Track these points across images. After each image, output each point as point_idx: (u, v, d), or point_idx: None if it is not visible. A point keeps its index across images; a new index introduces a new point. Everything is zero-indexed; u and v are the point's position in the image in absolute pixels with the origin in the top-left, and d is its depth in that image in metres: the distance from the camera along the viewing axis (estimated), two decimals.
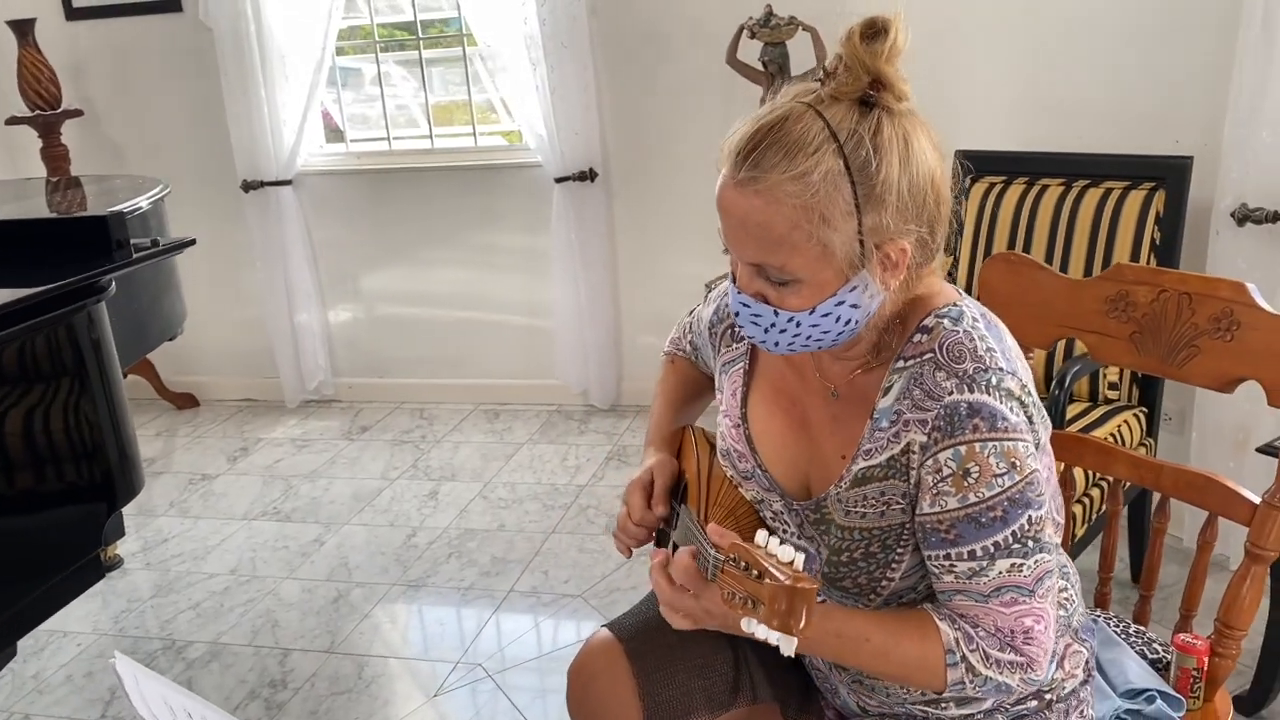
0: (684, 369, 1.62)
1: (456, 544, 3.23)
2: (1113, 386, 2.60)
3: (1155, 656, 1.62)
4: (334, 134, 4.43)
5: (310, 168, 4.25)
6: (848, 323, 1.16)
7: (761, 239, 1.11)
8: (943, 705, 1.28)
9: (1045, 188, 2.70)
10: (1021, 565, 1.14)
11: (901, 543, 1.20)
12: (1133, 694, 1.53)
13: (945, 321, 1.18)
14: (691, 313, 1.62)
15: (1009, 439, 1.12)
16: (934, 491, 1.14)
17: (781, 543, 1.01)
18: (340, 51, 4.21)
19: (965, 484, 1.12)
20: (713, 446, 1.44)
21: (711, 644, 1.38)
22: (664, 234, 3.98)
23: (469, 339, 4.32)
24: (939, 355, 1.16)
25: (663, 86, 3.81)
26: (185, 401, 4.60)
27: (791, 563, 0.98)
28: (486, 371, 4.34)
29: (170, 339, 2.61)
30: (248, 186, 4.17)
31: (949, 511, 1.14)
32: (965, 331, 1.17)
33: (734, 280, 1.19)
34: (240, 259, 4.36)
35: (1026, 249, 2.67)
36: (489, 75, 4.08)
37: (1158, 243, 2.53)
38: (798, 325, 1.15)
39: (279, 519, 3.48)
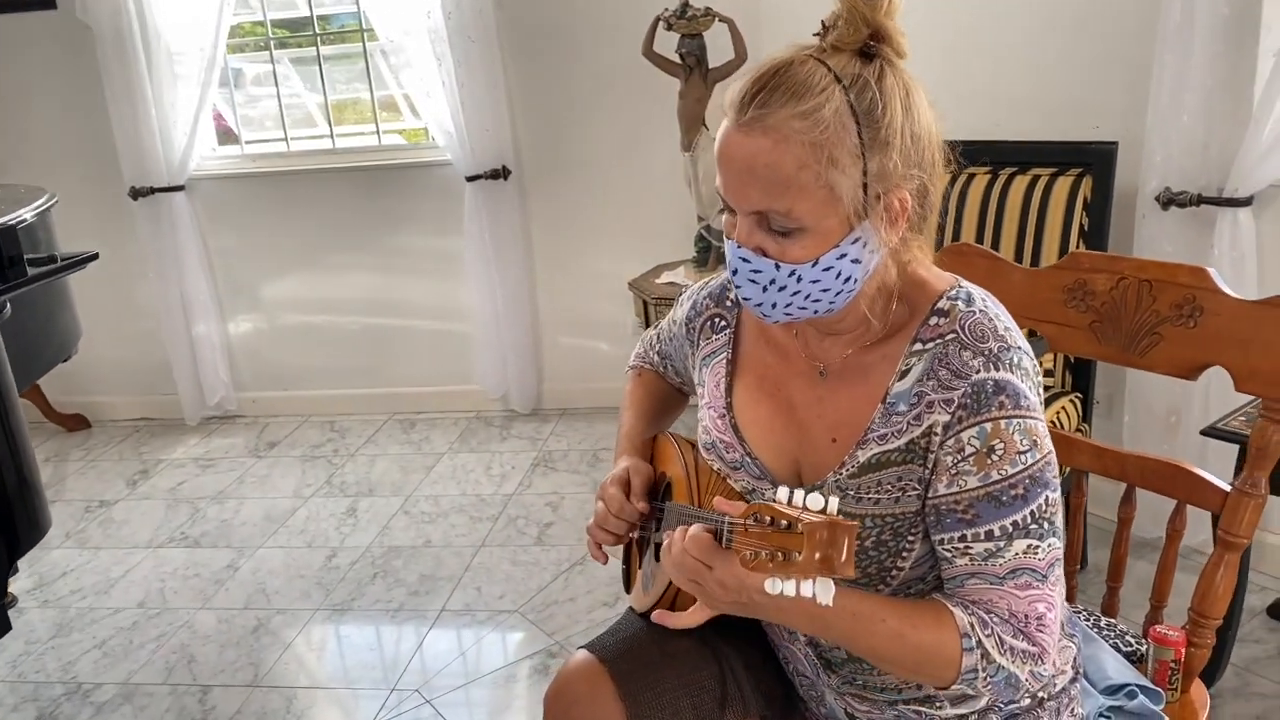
0: (651, 381, 1.58)
1: (381, 563, 3.08)
2: (1047, 373, 2.60)
3: (1129, 649, 1.60)
4: (224, 136, 4.21)
5: (203, 172, 4.03)
6: (847, 280, 1.13)
7: (768, 181, 1.07)
8: (937, 705, 1.24)
9: (973, 176, 2.69)
10: (1038, 547, 1.11)
11: (914, 530, 1.17)
12: (1112, 690, 1.50)
13: (959, 304, 1.17)
14: (656, 325, 1.59)
15: (1031, 417, 1.12)
16: (953, 471, 1.12)
17: (791, 496, 0.97)
18: (230, 49, 4.00)
19: (989, 461, 1.10)
20: (694, 446, 1.39)
21: (696, 659, 1.32)
22: (582, 232, 3.89)
23: (380, 346, 4.15)
24: (963, 335, 1.14)
25: (576, 80, 3.72)
26: (75, 423, 4.33)
27: (824, 509, 0.94)
28: (400, 379, 4.18)
29: (65, 359, 2.42)
30: (136, 193, 3.93)
31: (968, 491, 1.11)
32: (981, 311, 1.16)
33: (728, 238, 1.15)
34: (131, 270, 4.11)
35: (956, 237, 2.66)
36: (392, 72, 3.93)
37: (1086, 228, 2.54)
38: (799, 280, 1.12)
39: (187, 545, 3.29)
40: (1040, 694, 1.26)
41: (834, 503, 0.95)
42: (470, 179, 3.75)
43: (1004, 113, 2.89)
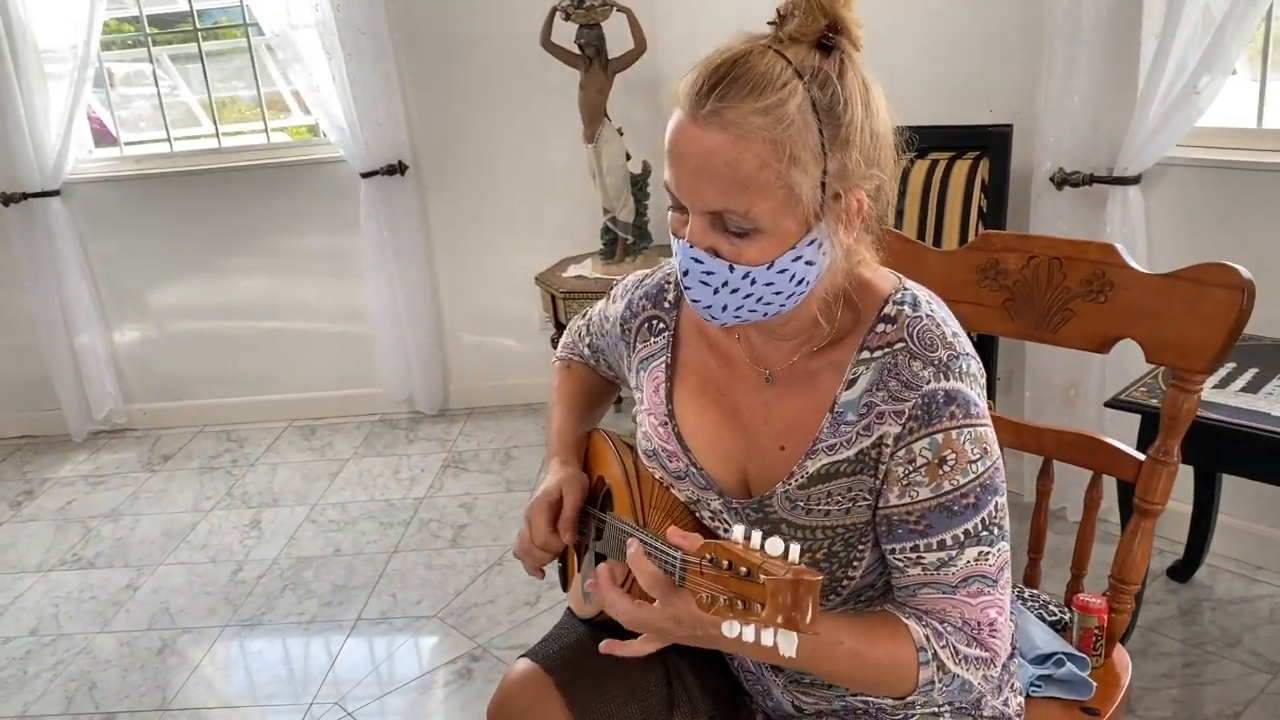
0: (582, 374, 1.52)
1: (290, 575, 2.98)
2: None
3: (1054, 619, 1.64)
4: (100, 138, 4.02)
5: (80, 175, 3.84)
6: (800, 282, 1.09)
7: (726, 180, 1.02)
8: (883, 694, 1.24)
9: None
10: (988, 553, 1.11)
11: (864, 540, 1.15)
12: (1041, 659, 1.54)
13: (906, 309, 1.13)
14: (585, 315, 1.53)
15: (981, 424, 1.10)
16: (904, 482, 1.09)
17: (764, 538, 0.92)
18: (104, 46, 3.82)
19: (940, 472, 1.08)
20: (634, 450, 1.34)
21: (642, 662, 1.28)
22: (484, 226, 3.83)
23: (276, 351, 4.02)
24: (911, 344, 1.11)
25: (472, 72, 3.65)
26: None
27: (785, 555, 0.90)
28: (298, 385, 4.06)
29: None
30: (7, 199, 3.72)
31: (920, 501, 1.09)
32: (928, 316, 1.13)
33: (677, 237, 1.10)
34: (5, 280, 3.89)
35: None
36: (279, 68, 3.81)
37: (985, 209, 2.60)
38: (752, 283, 1.07)
39: (81, 567, 3.13)
40: None
41: (795, 550, 0.90)
42: (365, 175, 3.65)
43: (902, 98, 2.93)
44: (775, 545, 0.90)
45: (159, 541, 3.24)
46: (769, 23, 1.07)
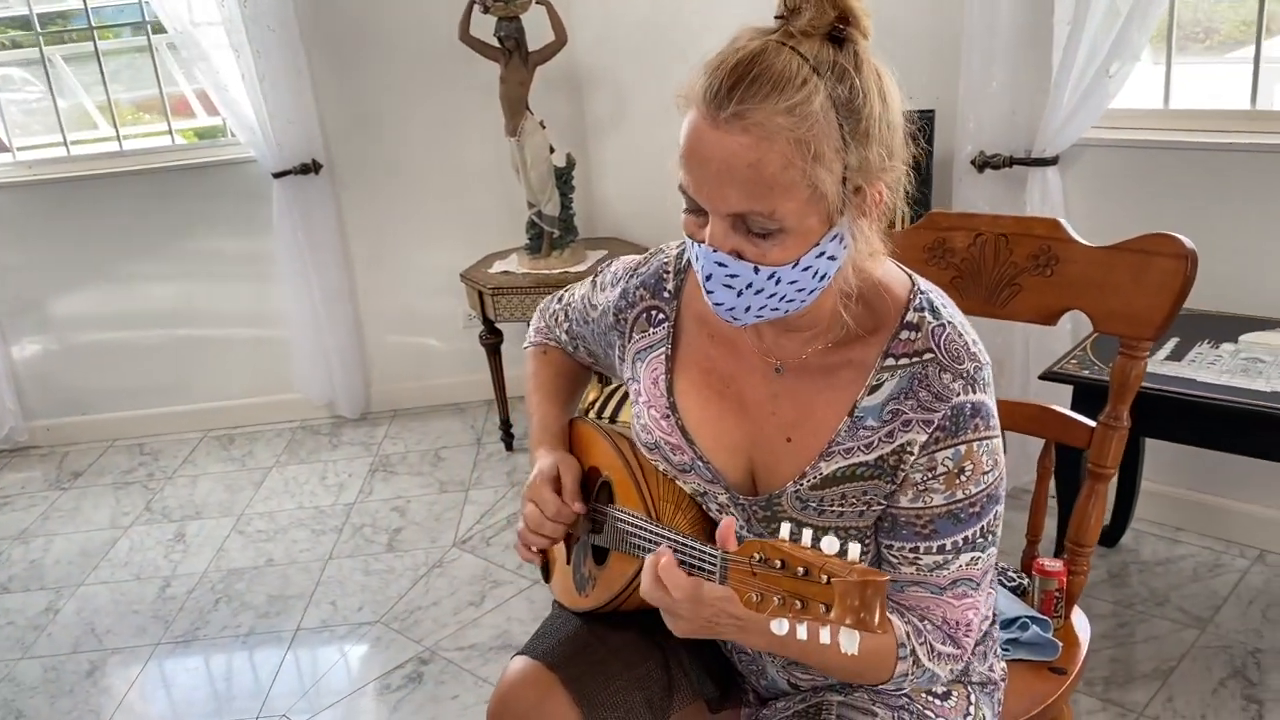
0: (559, 361, 1.49)
1: (222, 588, 2.89)
2: None
3: (1013, 584, 1.69)
4: None
5: None
6: (822, 278, 1.08)
7: (750, 182, 1.00)
8: None
9: None
10: (978, 559, 1.14)
11: (867, 541, 1.17)
12: (1006, 623, 1.59)
13: (928, 315, 1.14)
14: (559, 299, 1.49)
15: (996, 436, 1.13)
16: (920, 488, 1.11)
17: (815, 537, 0.92)
18: None
19: (957, 481, 1.11)
20: (629, 440, 1.32)
21: (640, 649, 1.28)
22: (402, 224, 3.77)
23: (189, 360, 3.89)
24: (941, 356, 1.11)
25: (386, 67, 3.59)
26: None
27: (842, 554, 0.89)
28: (213, 394, 3.93)
29: None
30: None
31: (931, 508, 1.11)
32: (950, 324, 1.14)
33: (694, 240, 1.08)
34: None
35: None
36: (182, 66, 3.68)
37: (910, 193, 2.66)
38: (777, 283, 1.06)
39: None
40: None
41: (855, 549, 0.89)
42: (277, 175, 3.55)
43: None
44: (831, 544, 0.90)
45: (77, 561, 3.10)
46: (777, 17, 1.05)
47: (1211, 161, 2.47)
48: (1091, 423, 1.58)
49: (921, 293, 1.16)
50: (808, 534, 0.91)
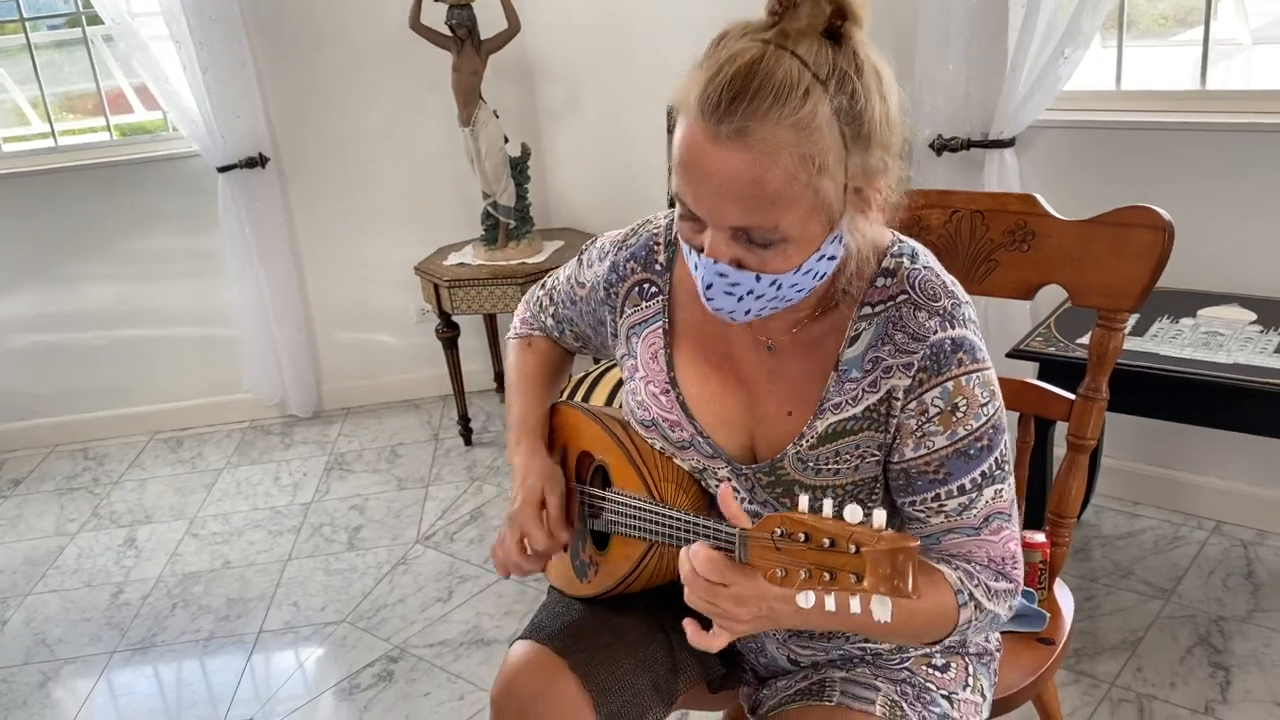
0: (544, 349, 1.46)
1: (178, 592, 2.81)
2: None
3: None
4: None
5: None
6: (821, 276, 1.08)
7: (753, 199, 0.98)
8: (880, 640, 1.26)
9: None
10: (1002, 490, 1.13)
11: (874, 494, 1.16)
12: None
13: (904, 260, 1.13)
14: (543, 286, 1.46)
15: (987, 368, 1.12)
16: (919, 434, 1.10)
17: (836, 507, 0.91)
18: None
19: (954, 419, 1.09)
20: (623, 423, 1.30)
21: (645, 633, 1.27)
22: (352, 218, 3.70)
23: (133, 361, 3.78)
24: (914, 295, 1.11)
25: (333, 57, 3.51)
26: None
27: (868, 522, 0.88)
28: (159, 395, 3.82)
29: None
30: None
31: (937, 451, 1.10)
32: (927, 267, 1.13)
33: (690, 244, 1.06)
34: None
35: None
36: (119, 59, 3.57)
37: (906, 179, 2.68)
38: (779, 288, 1.05)
39: None
40: None
41: (880, 516, 0.88)
42: (223, 170, 3.46)
43: None
44: (855, 512, 0.88)
45: (22, 570, 3.00)
46: (770, 13, 1.01)
47: (1163, 140, 2.52)
48: (1070, 395, 1.60)
49: (900, 242, 1.16)
50: (828, 504, 0.90)
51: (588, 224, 3.65)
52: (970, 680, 1.28)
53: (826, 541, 0.88)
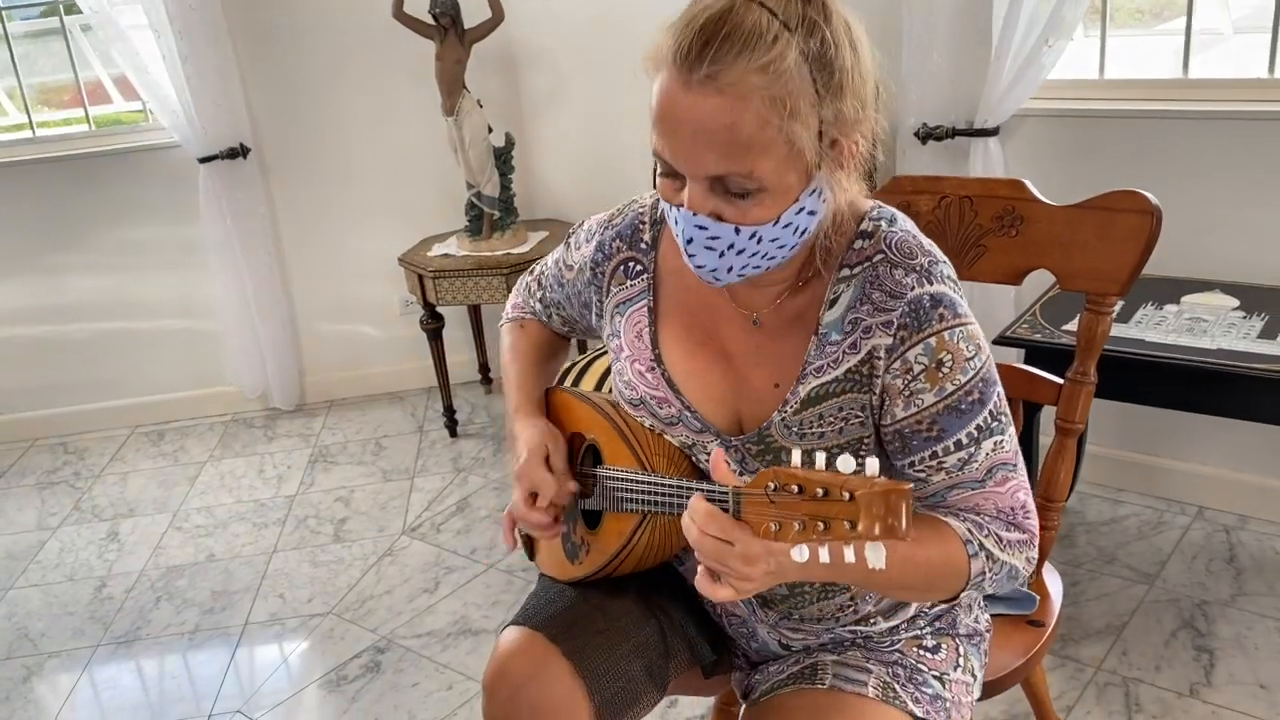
0: (535, 330, 1.47)
1: (162, 585, 2.79)
2: None
3: None
4: None
5: None
6: (802, 233, 1.08)
7: (727, 144, 0.99)
8: (871, 621, 1.26)
9: None
10: (1002, 441, 1.13)
11: (862, 450, 1.15)
12: None
13: (882, 224, 1.15)
14: (532, 272, 1.48)
15: (969, 322, 1.12)
16: (906, 394, 1.10)
17: (829, 459, 0.91)
18: None
19: (940, 375, 1.09)
20: (614, 404, 1.30)
21: (637, 617, 1.26)
22: (335, 209, 3.67)
23: (113, 354, 3.74)
24: (891, 254, 1.12)
25: (316, 46, 3.49)
26: None
27: (860, 471, 0.88)
28: (140, 388, 3.79)
29: None
30: None
31: (927, 408, 1.10)
32: (904, 230, 1.15)
33: (670, 202, 1.08)
34: None
35: None
36: (97, 49, 3.54)
37: (884, 141, 2.68)
38: (758, 241, 1.06)
39: None
40: None
41: (873, 464, 0.88)
42: (204, 160, 3.43)
43: None
44: (847, 463, 0.89)
45: (3, 565, 2.97)
46: None
47: (1146, 129, 2.53)
48: (1058, 380, 1.61)
49: (880, 207, 1.18)
50: (821, 456, 0.91)
51: (572, 215, 3.64)
52: (961, 661, 1.29)
53: (820, 491, 0.89)
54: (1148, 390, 2.21)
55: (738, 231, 1.05)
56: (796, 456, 0.93)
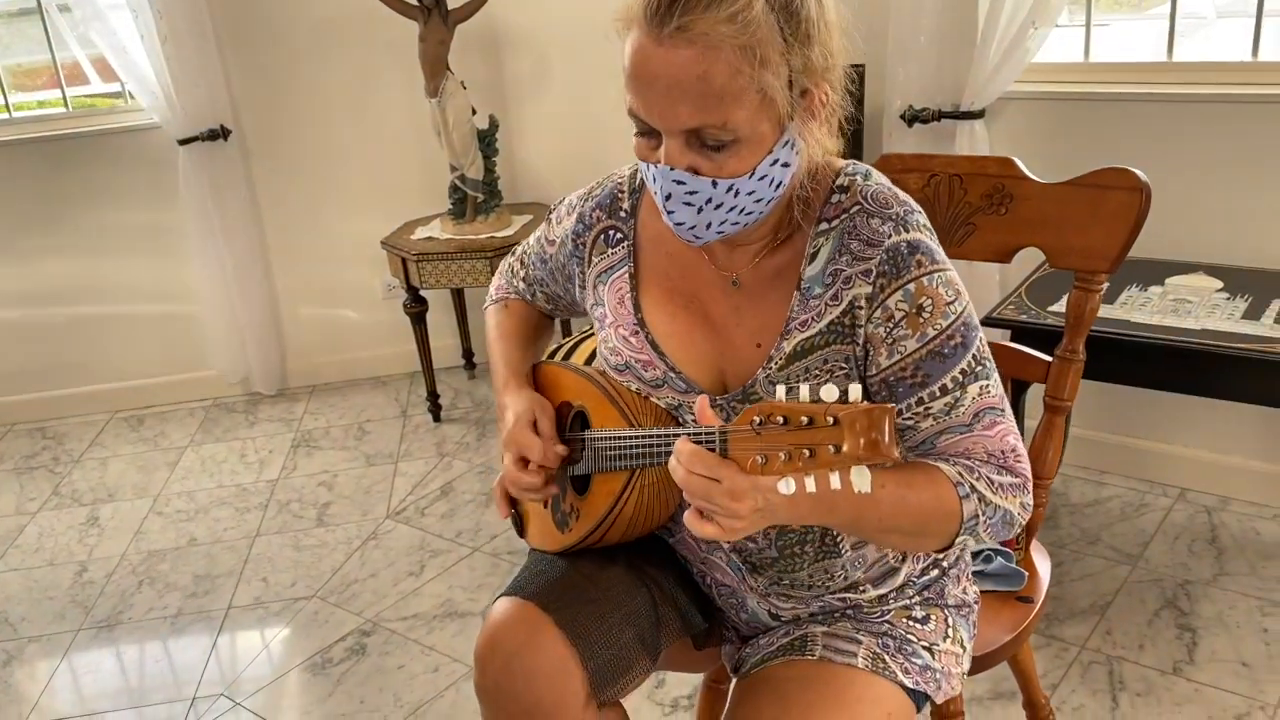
0: (520, 309, 1.48)
1: (144, 570, 2.77)
2: None
3: None
4: None
5: None
6: (777, 186, 1.10)
7: (700, 95, 1.01)
8: (861, 589, 1.26)
9: None
10: (988, 386, 1.13)
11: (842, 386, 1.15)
12: (972, 556, 1.61)
13: (857, 178, 1.17)
14: (514, 254, 1.50)
15: (947, 269, 1.14)
16: (889, 341, 1.12)
17: (815, 390, 0.91)
18: None
19: (921, 320, 1.11)
20: (594, 369, 1.31)
21: (628, 586, 1.26)
22: (317, 192, 3.64)
23: (92, 339, 3.70)
24: (866, 204, 1.15)
25: (298, 27, 3.45)
26: None
27: (844, 398, 0.89)
28: (119, 373, 3.76)
29: None
30: None
31: (910, 355, 1.11)
32: (878, 181, 1.18)
33: (646, 161, 1.09)
34: None
35: None
36: (74, 29, 3.49)
37: (853, 93, 2.68)
38: (735, 195, 1.08)
39: None
40: (945, 563, 1.32)
41: (856, 390, 0.89)
42: (183, 142, 3.40)
43: None
44: (831, 392, 0.90)
45: None
46: None
47: (1130, 112, 2.54)
48: (1047, 358, 1.61)
49: (853, 163, 1.20)
50: (805, 388, 0.91)
51: (556, 198, 3.59)
52: (950, 632, 1.30)
53: (805, 419, 0.90)
54: (1133, 370, 2.22)
55: (715, 185, 1.07)
56: (781, 391, 0.94)
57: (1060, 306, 2.29)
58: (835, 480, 0.89)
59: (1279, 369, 2.02)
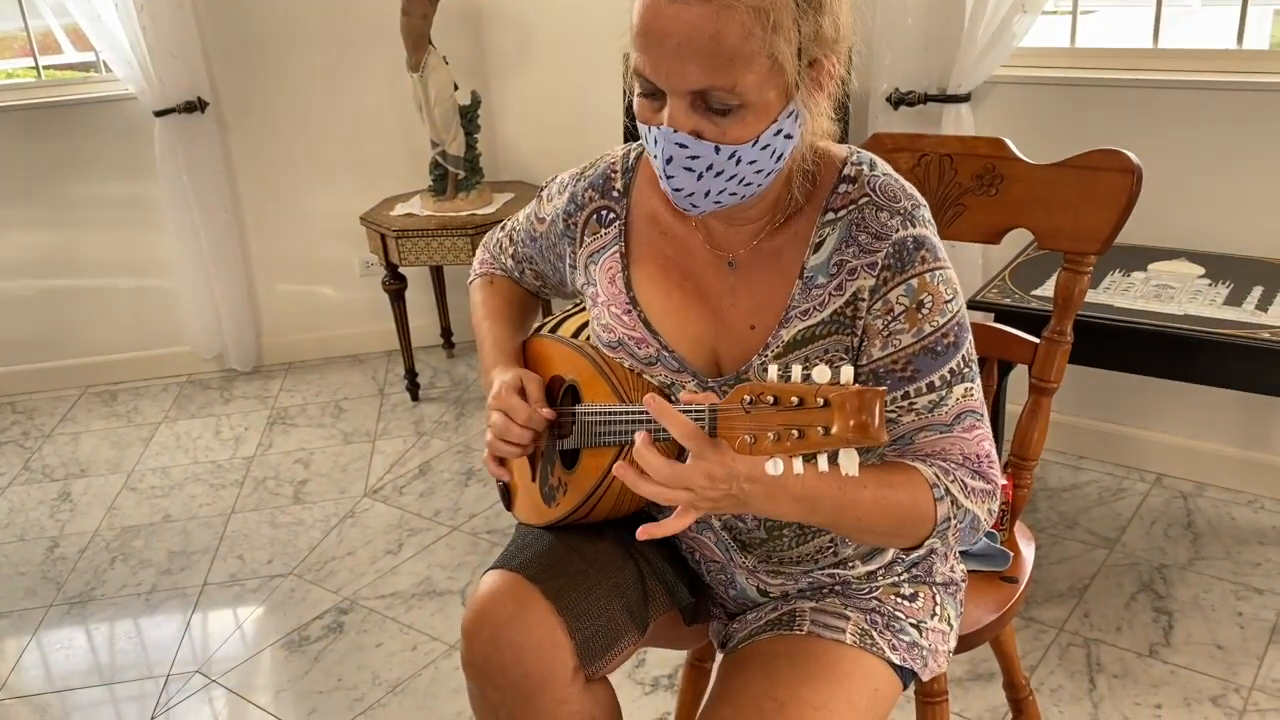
0: (506, 286, 1.46)
1: (117, 546, 2.73)
2: None
3: None
4: None
5: None
6: (779, 158, 1.09)
7: (711, 55, 0.99)
8: (849, 565, 1.26)
9: None
10: (971, 389, 1.14)
11: (834, 367, 1.14)
12: None
13: (864, 168, 1.16)
14: (503, 228, 1.47)
15: (948, 267, 1.14)
16: (885, 333, 1.12)
17: (807, 371, 0.90)
18: None
19: (919, 316, 1.11)
20: (588, 344, 1.30)
21: (616, 559, 1.25)
22: (295, 166, 3.60)
23: (63, 312, 3.65)
24: (875, 197, 1.13)
25: None
26: None
27: (835, 380, 0.88)
28: (91, 348, 3.70)
29: None
30: None
31: (904, 349, 1.11)
32: (886, 173, 1.16)
33: (648, 124, 1.07)
34: None
35: None
36: None
37: (855, 68, 2.67)
38: (737, 162, 1.06)
39: None
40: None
41: (847, 371, 0.88)
42: (160, 114, 3.34)
43: None
44: (823, 373, 0.89)
45: None
46: None
47: (1115, 98, 2.54)
48: (1034, 339, 1.61)
49: (859, 152, 1.19)
50: (797, 369, 0.91)
51: (538, 177, 3.60)
52: (938, 610, 1.29)
53: (795, 400, 0.89)
54: (1115, 355, 2.23)
55: (717, 151, 1.05)
56: (773, 371, 0.93)
57: (1043, 290, 2.29)
58: (823, 462, 0.88)
59: (1260, 354, 2.03)
